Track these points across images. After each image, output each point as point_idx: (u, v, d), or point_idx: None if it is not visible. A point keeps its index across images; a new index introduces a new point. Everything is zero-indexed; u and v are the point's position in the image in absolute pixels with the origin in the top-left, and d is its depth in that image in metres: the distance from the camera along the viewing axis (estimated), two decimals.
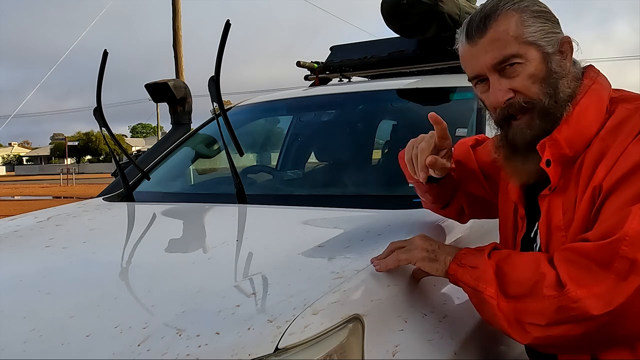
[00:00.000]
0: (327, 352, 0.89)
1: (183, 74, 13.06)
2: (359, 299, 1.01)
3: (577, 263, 0.92)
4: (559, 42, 1.04)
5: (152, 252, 1.44)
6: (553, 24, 1.05)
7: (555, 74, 1.03)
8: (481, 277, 1.00)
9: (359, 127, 2.43)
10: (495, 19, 1.03)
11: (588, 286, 0.90)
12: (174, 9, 13.28)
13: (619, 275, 0.88)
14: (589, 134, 1.01)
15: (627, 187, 0.93)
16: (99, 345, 0.91)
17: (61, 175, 30.43)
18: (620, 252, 0.88)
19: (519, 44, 1.02)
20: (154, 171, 2.39)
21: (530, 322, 0.94)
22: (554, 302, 0.91)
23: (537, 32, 1.02)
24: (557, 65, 1.03)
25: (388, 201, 1.75)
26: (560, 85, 1.02)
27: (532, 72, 1.02)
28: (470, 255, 1.05)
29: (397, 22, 2.47)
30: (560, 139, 1.01)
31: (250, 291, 1.04)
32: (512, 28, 1.02)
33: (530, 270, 0.96)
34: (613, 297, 0.88)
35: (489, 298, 0.98)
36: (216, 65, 1.75)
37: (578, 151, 1.02)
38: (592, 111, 1.02)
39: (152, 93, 3.82)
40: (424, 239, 1.11)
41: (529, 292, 0.94)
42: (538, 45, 1.02)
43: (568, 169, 1.03)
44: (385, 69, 2.79)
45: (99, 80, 2.05)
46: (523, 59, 1.02)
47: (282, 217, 1.68)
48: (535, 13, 1.03)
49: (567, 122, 1.02)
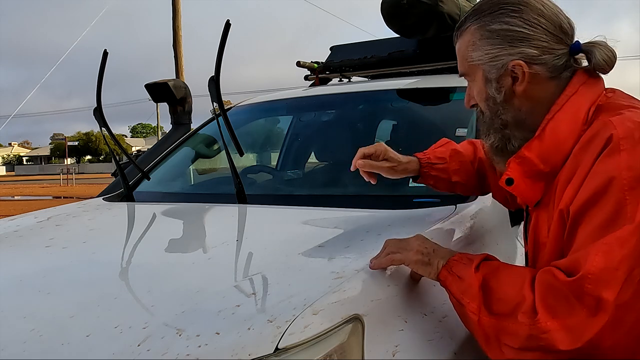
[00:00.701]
0: (327, 352, 0.89)
1: (183, 74, 13.06)
2: (359, 299, 1.01)
3: (556, 290, 0.90)
4: (505, 67, 1.03)
5: (152, 252, 1.44)
6: (508, 44, 1.02)
7: (493, 98, 1.05)
8: (466, 290, 0.99)
9: (359, 127, 2.43)
10: (460, 33, 1.10)
11: (561, 318, 0.88)
12: (174, 9, 13.29)
13: (590, 310, 0.87)
14: (565, 148, 0.99)
15: (593, 214, 0.91)
16: (99, 345, 0.91)
17: (61, 175, 30.44)
18: (586, 290, 0.87)
19: (467, 63, 1.08)
20: (154, 171, 2.39)
21: (505, 344, 0.94)
22: (525, 330, 0.90)
23: (482, 55, 1.05)
24: (496, 91, 1.05)
25: (388, 201, 1.75)
26: (501, 108, 1.05)
27: (478, 91, 1.09)
28: (460, 264, 1.03)
29: (397, 22, 2.47)
30: (531, 156, 1.01)
31: (250, 291, 1.04)
32: (463, 48, 1.08)
33: (515, 290, 0.94)
34: (582, 332, 0.87)
35: (470, 313, 0.98)
36: (216, 65, 1.75)
37: (555, 166, 1.00)
38: (567, 124, 1.00)
39: (152, 93, 3.82)
40: (420, 241, 1.10)
41: (510, 312, 0.93)
42: (482, 69, 1.06)
43: (550, 183, 1.02)
44: (385, 69, 2.79)
45: (99, 80, 2.05)
46: (470, 78, 1.10)
47: (282, 217, 1.68)
48: (490, 33, 1.03)
49: (539, 137, 1.02)
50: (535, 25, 1.01)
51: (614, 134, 0.92)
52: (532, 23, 1.01)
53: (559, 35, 1.02)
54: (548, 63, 1.02)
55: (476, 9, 1.08)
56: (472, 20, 1.06)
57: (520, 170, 1.02)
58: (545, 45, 1.01)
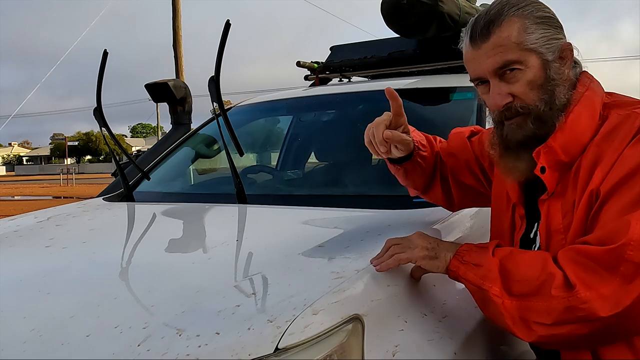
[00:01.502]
0: (327, 352, 0.89)
1: (183, 74, 13.06)
2: (359, 299, 1.01)
3: (584, 265, 0.94)
4: (560, 49, 1.06)
5: (152, 252, 1.44)
6: (556, 30, 1.06)
7: (553, 81, 1.05)
8: (486, 275, 1.01)
9: (359, 127, 2.42)
10: (498, 24, 1.05)
11: (595, 288, 0.92)
12: (174, 9, 13.29)
13: (625, 279, 0.91)
14: (584, 140, 1.04)
15: (624, 191, 0.96)
16: (99, 345, 0.91)
17: (61, 175, 30.43)
18: (626, 257, 0.90)
19: (520, 50, 1.04)
20: (154, 171, 2.40)
21: (535, 321, 0.96)
22: (562, 303, 0.93)
23: (539, 39, 1.04)
24: (555, 73, 1.05)
25: (388, 201, 1.75)
26: (557, 92, 1.05)
27: (530, 79, 1.05)
28: (473, 252, 1.06)
29: (397, 22, 2.47)
30: (556, 146, 1.05)
31: (250, 291, 1.04)
32: (514, 34, 1.04)
33: (537, 270, 0.98)
34: (620, 299, 0.90)
35: (494, 297, 1.00)
36: (216, 65, 1.75)
37: (573, 157, 1.05)
38: (586, 118, 1.05)
39: (152, 93, 3.82)
40: (422, 237, 1.12)
41: (535, 292, 0.96)
42: (538, 52, 1.04)
43: (565, 173, 1.06)
44: (385, 69, 2.79)
45: (99, 80, 2.05)
46: (523, 65, 1.04)
47: (282, 217, 1.68)
48: (538, 19, 1.05)
49: (561, 129, 1.05)
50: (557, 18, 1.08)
51: None
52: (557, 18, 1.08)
53: None
54: None
55: (505, 3, 1.07)
56: (511, 11, 1.05)
57: (547, 159, 1.06)
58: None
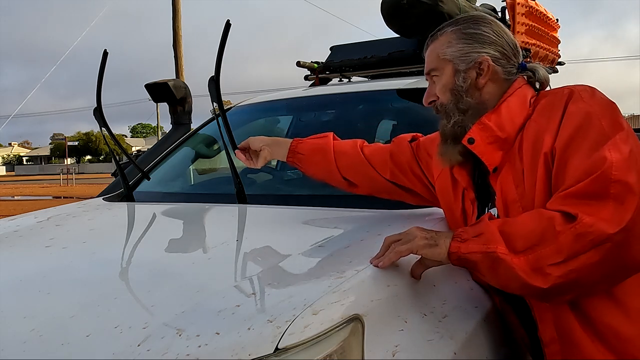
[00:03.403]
0: (327, 352, 0.89)
1: (183, 74, 13.06)
2: (359, 299, 1.01)
3: (576, 202, 1.01)
4: (475, 60, 1.23)
5: (152, 252, 1.44)
6: (478, 45, 1.24)
7: (461, 86, 1.24)
8: (489, 239, 1.05)
9: (359, 127, 2.42)
10: (435, 37, 1.30)
11: (595, 214, 0.99)
12: (174, 9, 13.29)
13: (617, 199, 0.98)
14: (517, 120, 1.20)
15: (582, 139, 1.07)
16: (99, 345, 0.91)
17: (61, 175, 30.42)
18: (613, 177, 0.99)
19: (439, 59, 1.28)
20: (154, 171, 2.39)
21: (549, 264, 1.00)
22: (570, 233, 0.99)
23: (455, 52, 1.25)
24: (462, 80, 1.24)
25: (388, 201, 1.75)
26: (464, 95, 1.24)
27: (444, 83, 1.27)
28: (470, 229, 1.10)
29: (397, 22, 2.47)
30: (490, 123, 1.21)
31: (250, 291, 1.04)
32: (438, 47, 1.28)
33: (534, 222, 1.04)
34: (620, 217, 0.97)
35: (502, 255, 1.03)
36: (216, 65, 1.75)
37: (510, 134, 1.20)
38: (517, 104, 1.22)
39: (152, 93, 3.81)
40: (420, 229, 1.14)
41: (540, 240, 1.01)
42: (454, 62, 1.25)
43: (509, 150, 1.20)
44: (385, 69, 2.79)
45: (99, 80, 2.05)
46: (440, 72, 1.28)
47: (282, 217, 1.68)
48: (464, 35, 1.26)
49: (496, 111, 1.22)
50: (501, 36, 1.26)
51: (573, 89, 1.16)
52: (499, 34, 1.26)
53: (515, 51, 1.27)
54: (505, 67, 1.25)
55: (454, 20, 1.31)
56: (450, 26, 1.29)
57: (482, 135, 1.20)
58: (505, 52, 1.25)
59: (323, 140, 1.65)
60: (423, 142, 1.53)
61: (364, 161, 1.58)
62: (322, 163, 1.62)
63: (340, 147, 1.63)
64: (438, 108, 1.29)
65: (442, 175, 1.39)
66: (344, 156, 1.60)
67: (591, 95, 1.14)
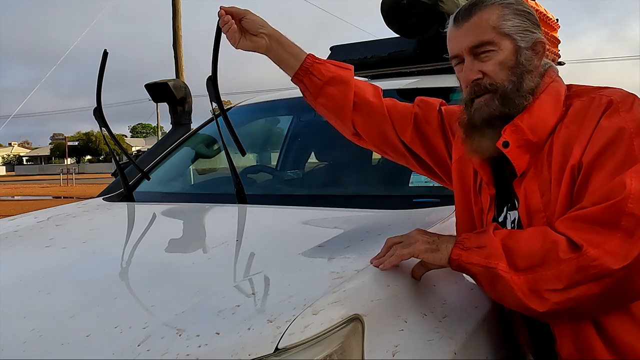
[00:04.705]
0: (327, 352, 0.89)
1: (183, 74, 13.06)
2: (359, 299, 1.01)
3: (584, 228, 0.97)
4: (533, 41, 1.14)
5: (152, 252, 1.44)
6: (532, 24, 1.15)
7: (522, 66, 1.13)
8: (491, 254, 1.03)
9: None
10: (480, 8, 1.15)
11: (601, 246, 0.95)
12: (174, 9, 13.30)
13: (627, 232, 0.94)
14: (549, 122, 1.12)
15: (608, 158, 1.01)
16: (99, 345, 0.91)
17: (61, 175, 30.41)
18: (627, 210, 0.95)
19: (495, 33, 1.13)
20: (154, 171, 2.39)
21: (547, 289, 0.98)
22: (572, 264, 0.96)
23: (514, 26, 1.13)
24: (525, 59, 1.13)
25: (388, 201, 1.75)
26: (525, 77, 1.13)
27: (501, 60, 1.13)
28: (473, 237, 1.08)
29: (397, 22, 2.47)
30: (523, 125, 1.12)
31: (250, 291, 1.04)
32: (493, 18, 1.13)
33: (538, 242, 1.01)
34: (627, 251, 0.94)
35: (502, 272, 1.01)
36: (213, 65, 1.74)
37: (541, 137, 1.12)
38: (550, 104, 1.13)
39: (152, 93, 3.81)
40: (422, 232, 1.13)
41: (542, 262, 0.99)
42: (512, 38, 1.13)
43: (537, 154, 1.12)
44: (385, 69, 2.79)
45: (98, 80, 2.05)
46: (496, 47, 1.13)
47: (282, 217, 1.68)
48: (517, 11, 1.15)
49: (528, 111, 1.13)
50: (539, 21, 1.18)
51: (613, 99, 1.07)
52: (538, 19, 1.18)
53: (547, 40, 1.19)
54: None
55: None
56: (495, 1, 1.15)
57: (514, 138, 1.12)
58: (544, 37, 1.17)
59: (345, 72, 1.40)
60: (447, 113, 1.39)
61: (385, 114, 1.40)
62: (336, 98, 1.39)
63: (361, 88, 1.41)
64: (488, 87, 1.13)
65: (463, 159, 1.29)
66: (364, 100, 1.40)
67: (629, 108, 1.06)
